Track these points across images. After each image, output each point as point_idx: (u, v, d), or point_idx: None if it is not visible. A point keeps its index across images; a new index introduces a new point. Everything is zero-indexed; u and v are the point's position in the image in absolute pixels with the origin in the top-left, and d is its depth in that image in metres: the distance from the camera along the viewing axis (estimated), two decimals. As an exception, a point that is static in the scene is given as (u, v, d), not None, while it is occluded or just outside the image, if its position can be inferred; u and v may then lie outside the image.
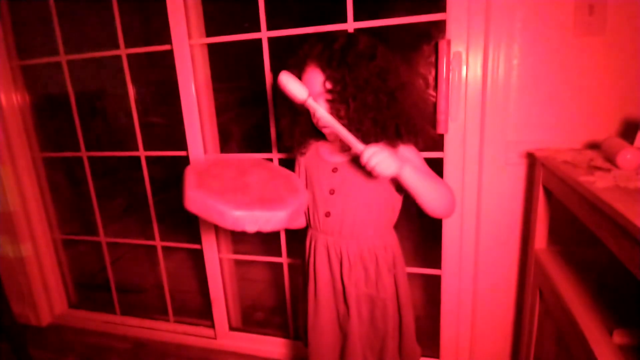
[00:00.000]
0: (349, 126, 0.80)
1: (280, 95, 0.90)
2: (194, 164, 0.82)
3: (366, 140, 0.80)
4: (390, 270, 0.92)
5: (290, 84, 0.77)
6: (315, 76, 0.81)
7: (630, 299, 0.82)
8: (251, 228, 0.71)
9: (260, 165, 0.91)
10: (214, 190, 0.74)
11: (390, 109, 0.81)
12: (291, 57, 0.87)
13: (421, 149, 0.89)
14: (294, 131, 0.92)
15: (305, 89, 0.78)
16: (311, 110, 0.80)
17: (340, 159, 0.90)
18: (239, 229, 0.71)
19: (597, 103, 1.04)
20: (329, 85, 0.80)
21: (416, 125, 0.86)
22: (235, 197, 0.73)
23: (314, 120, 0.87)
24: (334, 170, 0.90)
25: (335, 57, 0.79)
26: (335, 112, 0.81)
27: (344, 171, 0.89)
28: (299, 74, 0.84)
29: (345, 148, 0.86)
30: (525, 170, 1.14)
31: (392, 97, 0.81)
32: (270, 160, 1.31)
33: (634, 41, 0.98)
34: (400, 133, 0.83)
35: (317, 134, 0.92)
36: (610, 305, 0.81)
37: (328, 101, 0.82)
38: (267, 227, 0.73)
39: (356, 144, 0.76)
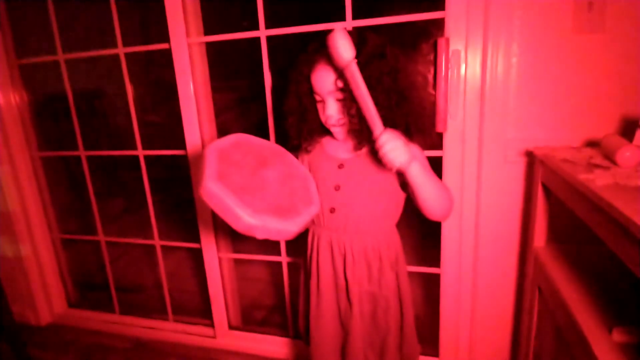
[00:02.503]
0: (360, 124, 0.80)
1: (289, 92, 0.89)
2: (216, 143, 0.79)
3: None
4: (392, 268, 0.93)
5: (341, 41, 0.72)
6: (327, 74, 0.81)
7: (629, 296, 0.82)
8: (261, 236, 0.71)
9: (279, 157, 0.88)
10: (233, 187, 0.71)
11: (400, 107, 0.81)
12: (300, 53, 0.87)
13: (424, 148, 0.90)
14: (301, 129, 0.91)
15: (352, 50, 0.73)
16: (348, 77, 0.75)
17: (346, 155, 0.90)
18: (248, 234, 0.70)
19: (596, 100, 1.04)
20: (340, 84, 0.79)
21: (424, 124, 0.86)
22: (253, 199, 0.71)
23: (323, 119, 0.87)
24: (340, 166, 0.90)
25: None
26: (346, 110, 0.81)
27: (350, 167, 0.89)
28: (308, 71, 0.84)
29: (356, 146, 0.86)
30: (524, 168, 1.13)
31: (402, 95, 0.82)
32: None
33: (633, 38, 0.98)
34: (410, 131, 0.83)
35: (323, 130, 0.91)
36: (609, 303, 0.81)
37: (339, 100, 0.82)
38: (276, 238, 0.73)
39: (378, 123, 0.75)
